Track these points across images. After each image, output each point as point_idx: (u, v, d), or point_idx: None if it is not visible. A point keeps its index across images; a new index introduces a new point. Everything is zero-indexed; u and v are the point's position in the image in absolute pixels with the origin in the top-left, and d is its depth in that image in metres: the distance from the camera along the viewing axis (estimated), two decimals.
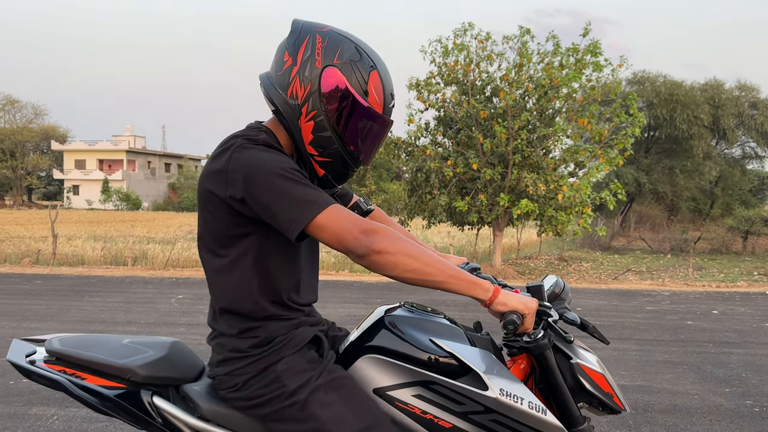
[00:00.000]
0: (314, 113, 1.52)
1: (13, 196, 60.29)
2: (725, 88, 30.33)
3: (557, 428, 1.60)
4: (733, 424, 3.84)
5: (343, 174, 1.62)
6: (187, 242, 16.09)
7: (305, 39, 1.53)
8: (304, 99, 1.52)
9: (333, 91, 1.51)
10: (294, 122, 1.54)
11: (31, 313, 7.19)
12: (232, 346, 1.56)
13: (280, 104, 1.54)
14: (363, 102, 1.53)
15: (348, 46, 1.54)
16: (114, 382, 1.61)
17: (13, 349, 1.71)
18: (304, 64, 1.52)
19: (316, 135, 1.54)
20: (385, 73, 1.58)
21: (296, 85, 1.52)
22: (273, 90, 1.56)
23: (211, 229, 1.54)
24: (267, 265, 1.54)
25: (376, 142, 1.60)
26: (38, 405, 3.94)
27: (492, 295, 1.48)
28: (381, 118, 1.56)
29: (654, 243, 21.96)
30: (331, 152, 1.56)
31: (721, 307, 8.65)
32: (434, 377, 1.59)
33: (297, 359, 1.55)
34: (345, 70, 1.51)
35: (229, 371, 1.56)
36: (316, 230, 1.41)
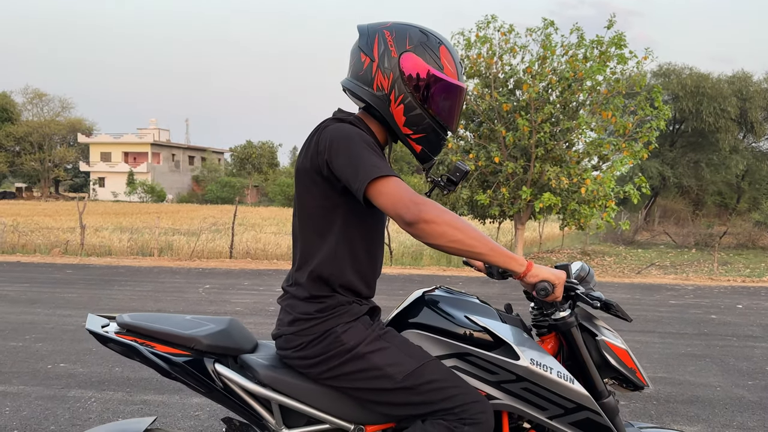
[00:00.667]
0: (402, 97, 1.68)
1: (41, 188, 61.50)
2: (753, 81, 29.79)
3: (585, 396, 1.71)
4: (755, 416, 3.86)
5: (437, 144, 1.78)
6: (211, 234, 16.34)
7: (375, 37, 1.71)
8: (390, 87, 1.68)
9: (413, 72, 1.68)
10: (386, 110, 1.70)
11: (63, 300, 7.42)
12: (302, 308, 1.73)
13: (369, 99, 1.70)
14: (441, 75, 1.69)
15: (413, 31, 1.71)
16: (180, 350, 1.77)
17: (90, 321, 1.88)
18: (382, 57, 1.69)
19: (407, 116, 1.70)
20: (450, 46, 1.75)
21: (379, 77, 1.69)
22: (359, 88, 1.72)
23: (305, 204, 1.72)
24: (352, 237, 1.72)
25: (458, 107, 1.76)
26: (76, 388, 4.10)
27: (526, 269, 1.62)
28: (458, 86, 1.73)
29: (678, 237, 21.72)
30: (424, 127, 1.72)
31: (746, 302, 8.58)
32: (470, 349, 1.71)
33: (354, 323, 1.72)
34: (418, 51, 1.69)
35: (296, 331, 1.72)
36: (375, 194, 1.55)
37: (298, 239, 1.77)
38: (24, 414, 3.60)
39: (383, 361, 1.66)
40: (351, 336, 1.68)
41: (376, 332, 1.71)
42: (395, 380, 1.65)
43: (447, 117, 1.74)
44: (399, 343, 1.71)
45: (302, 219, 1.74)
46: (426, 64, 1.67)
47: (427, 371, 1.66)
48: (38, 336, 5.54)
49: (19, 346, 5.16)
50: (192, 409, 3.73)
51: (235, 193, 51.43)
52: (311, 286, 1.72)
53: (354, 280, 1.73)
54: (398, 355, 1.67)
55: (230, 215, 16.49)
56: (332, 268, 1.70)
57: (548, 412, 1.70)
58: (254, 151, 62.40)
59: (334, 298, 1.71)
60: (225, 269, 11.35)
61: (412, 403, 1.66)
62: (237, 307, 7.26)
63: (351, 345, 1.67)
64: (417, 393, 1.65)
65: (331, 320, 1.70)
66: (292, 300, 1.75)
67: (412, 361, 1.67)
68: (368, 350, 1.67)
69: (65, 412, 3.65)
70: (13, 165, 60.25)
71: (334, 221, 1.69)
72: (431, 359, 1.69)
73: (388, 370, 1.65)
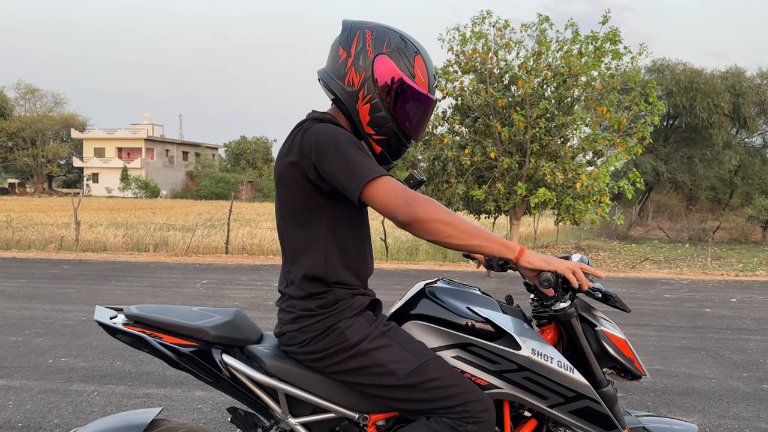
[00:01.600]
0: (369, 96, 1.71)
1: (34, 183, 61.19)
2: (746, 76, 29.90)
3: (584, 385, 1.75)
4: (750, 407, 3.93)
5: (397, 150, 1.81)
6: (206, 229, 16.33)
7: (356, 34, 1.74)
8: (360, 85, 1.71)
9: (384, 75, 1.71)
10: (352, 107, 1.73)
11: (62, 296, 7.42)
12: (302, 306, 1.74)
13: (339, 92, 1.74)
14: (411, 83, 1.72)
15: (393, 36, 1.74)
16: (187, 341, 1.79)
17: (98, 312, 1.90)
18: (358, 55, 1.72)
19: (372, 116, 1.73)
20: (427, 57, 1.78)
21: (352, 74, 1.72)
22: (332, 81, 1.75)
23: (288, 205, 1.73)
24: (339, 236, 1.74)
25: (424, 118, 1.79)
26: (78, 382, 4.13)
27: (518, 254, 1.65)
28: (427, 97, 1.76)
29: (672, 232, 21.86)
30: (386, 130, 1.76)
31: (739, 296, 8.67)
32: (472, 339, 1.75)
33: (357, 318, 1.74)
34: (393, 56, 1.72)
35: (298, 328, 1.74)
36: (368, 196, 1.58)
37: (285, 241, 1.77)
38: (27, 408, 3.62)
39: (386, 358, 1.69)
40: (354, 332, 1.71)
41: (379, 329, 1.73)
42: (398, 377, 1.67)
43: (411, 125, 1.77)
44: (402, 340, 1.73)
45: (287, 221, 1.75)
46: (398, 69, 1.70)
47: (430, 369, 1.68)
48: (38, 331, 5.55)
49: (20, 341, 5.17)
50: (195, 402, 3.76)
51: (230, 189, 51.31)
52: (307, 285, 1.74)
53: (347, 276, 1.75)
54: (401, 353, 1.70)
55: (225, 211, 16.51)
56: (325, 268, 1.72)
57: (549, 400, 1.74)
58: (248, 146, 62.24)
59: (333, 293, 1.73)
60: (221, 264, 11.36)
61: (414, 400, 1.69)
62: (236, 302, 7.28)
63: (355, 341, 1.70)
64: (419, 390, 1.67)
65: (333, 316, 1.72)
66: (291, 300, 1.77)
67: (414, 358, 1.69)
68: (372, 347, 1.70)
69: (68, 405, 3.68)
70: (6, 161, 59.91)
71: (319, 222, 1.71)
72: (434, 357, 1.72)
73: (391, 366, 1.68)
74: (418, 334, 1.78)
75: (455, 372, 1.72)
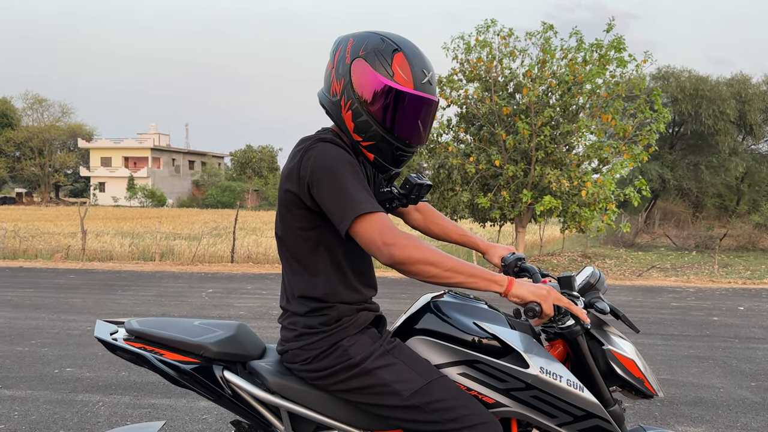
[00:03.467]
0: (350, 103, 1.68)
1: (41, 193, 61.52)
2: (752, 83, 29.84)
3: (594, 404, 1.71)
4: (759, 417, 3.89)
5: (391, 156, 1.72)
6: (212, 238, 16.35)
7: (340, 44, 1.73)
8: (341, 93, 1.69)
9: (360, 78, 1.66)
10: (338, 116, 1.71)
11: (68, 306, 7.44)
12: (304, 323, 1.72)
13: (325, 103, 1.74)
14: (389, 82, 1.63)
15: (373, 39, 1.68)
16: (189, 357, 1.77)
17: (98, 328, 1.88)
18: (338, 63, 1.71)
19: (355, 122, 1.69)
20: (411, 53, 1.66)
21: (334, 83, 1.71)
22: (322, 95, 1.76)
23: (288, 225, 1.72)
24: (337, 257, 1.72)
25: (415, 117, 1.67)
26: (83, 392, 4.13)
27: (506, 288, 1.60)
28: (411, 95, 1.64)
29: (679, 240, 21.75)
30: (372, 134, 1.69)
31: (747, 304, 8.60)
32: (479, 356, 1.71)
33: (360, 336, 1.71)
34: (369, 58, 1.66)
35: (301, 345, 1.72)
36: (354, 232, 1.58)
37: (284, 259, 1.76)
38: (33, 418, 3.63)
39: (391, 378, 1.65)
40: (358, 350, 1.68)
41: (383, 347, 1.70)
42: (402, 397, 1.64)
43: (398, 126, 1.67)
44: (407, 358, 1.70)
45: (285, 240, 1.73)
46: (374, 70, 1.64)
47: (435, 389, 1.64)
48: (44, 341, 5.56)
49: (26, 351, 5.18)
50: (200, 412, 3.75)
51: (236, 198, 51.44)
52: (309, 303, 1.71)
53: (349, 294, 1.73)
54: (406, 372, 1.66)
55: (231, 219, 16.52)
56: (325, 288, 1.70)
57: (557, 419, 1.71)
58: (254, 155, 62.43)
59: (336, 309, 1.71)
60: (227, 273, 11.37)
61: (419, 421, 1.65)
62: (241, 311, 7.28)
63: (358, 359, 1.67)
64: (425, 411, 1.63)
65: (337, 333, 1.69)
66: (294, 317, 1.74)
67: (419, 378, 1.65)
68: (376, 365, 1.66)
69: (73, 416, 3.67)
70: (14, 170, 60.29)
71: (317, 243, 1.69)
72: (440, 376, 1.68)
73: (395, 386, 1.64)
74: (423, 350, 1.75)
75: (461, 392, 1.68)
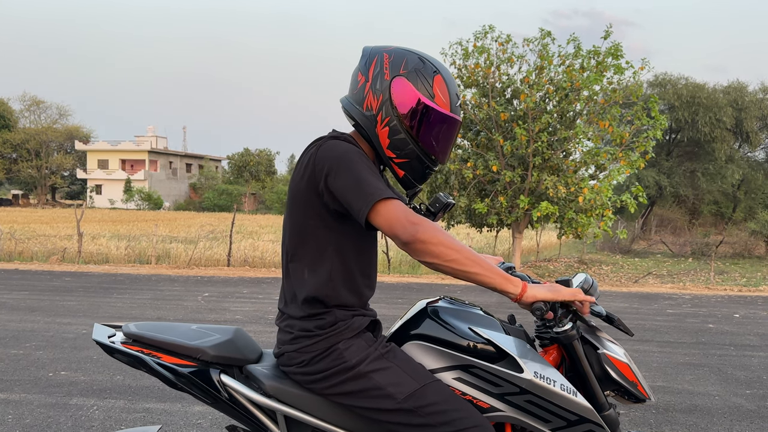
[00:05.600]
0: (388, 119, 1.70)
1: (38, 195, 61.37)
2: (748, 91, 29.99)
3: (587, 409, 1.73)
4: (754, 425, 3.89)
5: (421, 173, 1.78)
6: (209, 242, 16.34)
7: (374, 58, 1.74)
8: (378, 108, 1.70)
9: (402, 97, 1.69)
10: (372, 131, 1.73)
11: (63, 308, 7.41)
12: (301, 326, 1.73)
13: (358, 117, 1.74)
14: (430, 103, 1.70)
15: (411, 57, 1.73)
16: (186, 360, 1.78)
17: (96, 331, 1.89)
18: (375, 78, 1.72)
19: (392, 139, 1.71)
20: (448, 77, 1.75)
21: (370, 98, 1.72)
22: (351, 107, 1.76)
23: (298, 223, 1.72)
24: (345, 258, 1.72)
25: (448, 139, 1.75)
26: (78, 396, 4.11)
27: (521, 291, 1.62)
28: (448, 117, 1.72)
29: (675, 247, 21.81)
30: (407, 153, 1.73)
31: (742, 311, 8.62)
32: (474, 361, 1.72)
33: (355, 340, 1.72)
34: (411, 77, 1.70)
35: (297, 348, 1.73)
36: (374, 216, 1.57)
37: (290, 260, 1.76)
38: (27, 422, 3.61)
39: (385, 381, 1.66)
40: (353, 353, 1.69)
41: (378, 350, 1.71)
42: (396, 400, 1.65)
43: (433, 146, 1.73)
44: (401, 362, 1.71)
45: (295, 240, 1.73)
46: (416, 90, 1.68)
47: (429, 393, 1.65)
48: (39, 344, 5.55)
49: (20, 354, 5.17)
50: (194, 417, 3.74)
51: (233, 201, 51.46)
52: (308, 306, 1.72)
53: (349, 297, 1.74)
54: (400, 375, 1.67)
55: (227, 223, 16.52)
56: (327, 290, 1.71)
57: (551, 424, 1.72)
58: (252, 158, 62.42)
59: (332, 314, 1.71)
60: (223, 277, 11.36)
61: (413, 425, 1.66)
62: (237, 315, 7.27)
63: (353, 363, 1.68)
64: (418, 415, 1.64)
65: (332, 336, 1.70)
66: (290, 320, 1.75)
67: (413, 381, 1.66)
68: (370, 369, 1.67)
69: (68, 420, 3.66)
70: (10, 172, 60.16)
71: (327, 243, 1.70)
72: (433, 380, 1.69)
73: (389, 390, 1.65)
74: (418, 354, 1.76)
75: (455, 396, 1.69)
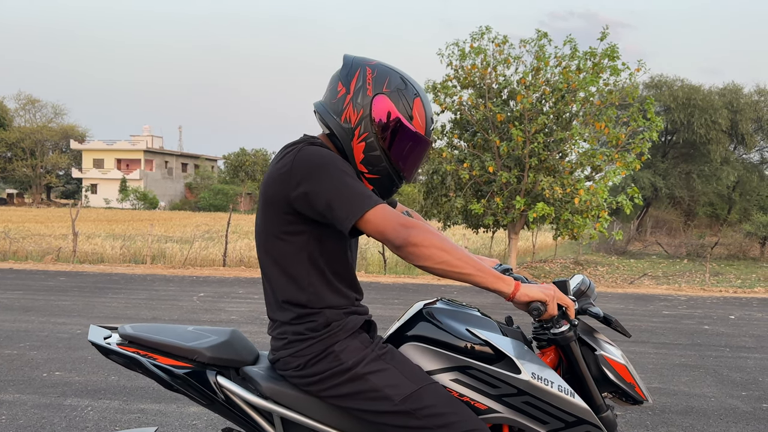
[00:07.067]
0: (365, 135, 1.71)
1: (33, 194, 61.15)
2: (744, 93, 30.11)
3: (585, 410, 1.72)
4: (750, 426, 3.90)
5: (388, 189, 1.80)
6: (204, 242, 16.29)
7: (357, 71, 1.73)
8: (357, 123, 1.71)
9: (382, 115, 1.70)
10: (347, 143, 1.72)
11: (58, 308, 7.38)
12: (293, 330, 1.72)
13: (334, 128, 1.72)
14: (408, 125, 1.72)
15: (394, 76, 1.74)
16: (182, 362, 1.76)
17: (92, 333, 1.87)
18: (357, 92, 1.71)
19: (366, 154, 1.72)
20: (426, 101, 1.78)
21: (349, 110, 1.71)
22: (328, 115, 1.74)
23: (271, 228, 1.70)
24: (324, 260, 1.70)
25: (419, 160, 1.79)
26: (72, 396, 4.09)
27: (514, 289, 1.62)
28: (423, 139, 1.75)
29: (670, 248, 21.87)
30: (380, 169, 1.74)
31: (738, 313, 8.65)
32: (471, 362, 1.72)
33: (351, 341, 1.71)
34: (393, 97, 1.71)
35: (292, 353, 1.71)
36: (364, 223, 1.57)
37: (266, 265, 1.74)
38: (20, 423, 3.58)
39: (382, 383, 1.65)
40: (350, 355, 1.68)
41: (375, 352, 1.70)
42: (393, 402, 1.64)
43: (405, 165, 1.76)
44: (398, 363, 1.70)
45: (266, 243, 1.71)
46: (396, 110, 1.70)
47: (426, 395, 1.65)
48: (33, 344, 5.52)
49: (14, 354, 5.14)
50: (190, 418, 3.73)
51: (228, 201, 51.35)
52: (294, 309, 1.71)
53: (334, 298, 1.72)
54: (397, 377, 1.67)
55: (223, 223, 16.49)
56: (308, 295, 1.69)
57: (549, 425, 1.71)
58: (248, 158, 62.37)
59: (323, 315, 1.70)
60: (219, 277, 11.33)
61: (409, 427, 1.65)
62: (232, 315, 7.25)
63: (350, 364, 1.67)
64: (415, 417, 1.64)
65: (327, 338, 1.69)
66: (282, 326, 1.74)
67: (410, 383, 1.66)
68: (367, 371, 1.66)
69: (62, 420, 3.64)
70: (5, 171, 59.93)
71: (301, 248, 1.68)
72: (431, 382, 1.68)
73: (386, 391, 1.65)
74: (416, 356, 1.76)
75: (452, 399, 1.68)
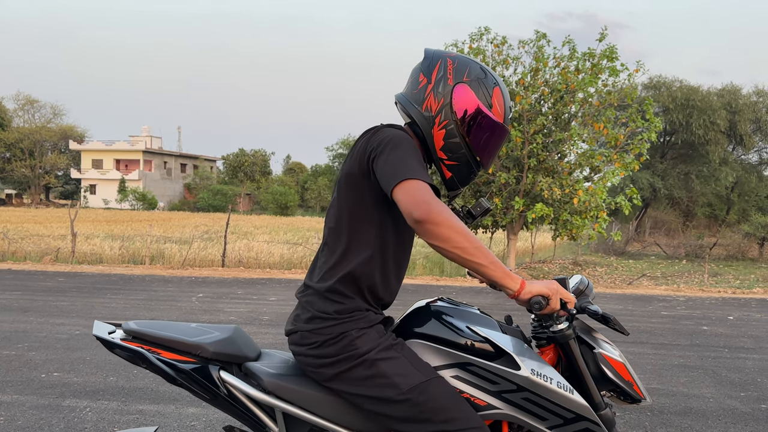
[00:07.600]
0: (446, 123, 1.78)
1: (31, 194, 61.11)
2: (742, 94, 30.16)
3: (584, 407, 1.74)
4: (748, 427, 3.90)
5: (466, 177, 1.87)
6: (203, 242, 16.28)
7: (438, 62, 1.81)
8: (438, 111, 1.78)
9: (463, 103, 1.78)
10: (428, 131, 1.79)
11: (56, 309, 7.37)
12: (320, 306, 1.76)
13: (416, 116, 1.80)
14: (488, 113, 1.79)
15: (474, 67, 1.82)
16: (186, 357, 1.79)
17: (96, 327, 1.90)
18: (438, 82, 1.79)
19: (446, 141, 1.79)
20: (505, 91, 1.85)
21: (430, 99, 1.79)
22: (410, 105, 1.82)
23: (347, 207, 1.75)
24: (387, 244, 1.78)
25: (497, 147, 1.85)
26: (70, 397, 4.08)
27: (520, 287, 1.66)
28: (502, 127, 1.82)
29: (669, 248, 21.89)
30: (458, 156, 1.81)
31: (736, 313, 8.65)
32: (471, 359, 1.74)
33: (368, 330, 1.75)
34: (473, 86, 1.79)
35: (312, 329, 1.75)
36: (398, 190, 1.60)
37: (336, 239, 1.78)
38: (19, 423, 3.58)
39: (392, 370, 1.69)
40: (365, 342, 1.72)
41: (388, 341, 1.74)
42: (400, 390, 1.67)
43: (483, 153, 1.82)
44: (408, 355, 1.74)
45: (342, 221, 1.77)
46: (477, 99, 1.77)
47: (432, 388, 1.68)
48: (31, 344, 5.51)
49: (12, 355, 5.13)
50: (188, 419, 3.72)
51: (227, 201, 51.33)
52: (339, 285, 1.75)
53: (379, 284, 1.78)
54: (407, 367, 1.70)
55: (222, 223, 16.47)
56: (365, 269, 1.74)
57: (548, 422, 1.73)
58: (247, 159, 62.36)
59: (354, 302, 1.75)
60: (217, 278, 11.32)
61: (413, 418, 1.67)
62: (231, 316, 7.24)
63: (364, 350, 1.70)
64: (419, 409, 1.67)
65: (347, 323, 1.73)
66: (313, 297, 1.78)
67: (419, 374, 1.69)
68: (379, 357, 1.70)
69: (60, 421, 3.63)
70: (4, 171, 59.89)
71: (374, 224, 1.74)
72: (437, 377, 1.71)
73: (395, 379, 1.68)
74: (417, 352, 1.78)
75: (456, 396, 1.71)
